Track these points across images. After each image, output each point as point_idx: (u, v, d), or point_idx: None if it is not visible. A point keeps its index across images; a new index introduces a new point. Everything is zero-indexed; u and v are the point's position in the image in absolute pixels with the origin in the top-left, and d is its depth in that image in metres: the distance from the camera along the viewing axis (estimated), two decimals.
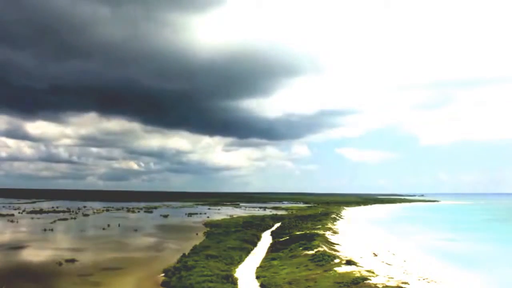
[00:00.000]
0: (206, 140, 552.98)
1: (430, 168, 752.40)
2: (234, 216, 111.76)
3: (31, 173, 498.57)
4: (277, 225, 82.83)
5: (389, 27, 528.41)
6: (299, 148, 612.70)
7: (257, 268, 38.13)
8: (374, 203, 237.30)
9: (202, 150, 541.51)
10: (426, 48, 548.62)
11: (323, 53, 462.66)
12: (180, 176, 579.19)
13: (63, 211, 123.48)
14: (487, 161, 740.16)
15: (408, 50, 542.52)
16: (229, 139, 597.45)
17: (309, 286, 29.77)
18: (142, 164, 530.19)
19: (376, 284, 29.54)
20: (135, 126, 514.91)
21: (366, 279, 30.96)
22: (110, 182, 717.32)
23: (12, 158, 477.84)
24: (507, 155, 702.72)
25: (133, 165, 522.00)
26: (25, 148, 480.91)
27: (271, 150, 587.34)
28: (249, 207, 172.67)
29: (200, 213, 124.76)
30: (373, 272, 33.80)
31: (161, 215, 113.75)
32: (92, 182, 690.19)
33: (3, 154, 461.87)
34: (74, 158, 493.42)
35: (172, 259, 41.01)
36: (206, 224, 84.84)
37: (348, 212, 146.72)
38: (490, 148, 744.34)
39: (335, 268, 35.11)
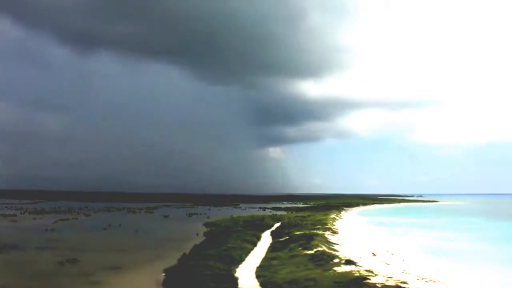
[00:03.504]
0: None
1: (429, 168, 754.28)
2: (234, 216, 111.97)
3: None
4: (277, 225, 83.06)
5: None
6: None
7: (257, 267, 38.36)
8: (373, 203, 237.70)
9: None
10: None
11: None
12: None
13: (65, 212, 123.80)
14: (485, 161, 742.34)
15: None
16: None
17: (308, 285, 30.02)
18: None
19: (376, 283, 29.81)
20: None
21: (366, 278, 31.22)
22: None
23: None
24: (505, 156, 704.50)
25: None
26: None
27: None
28: (249, 208, 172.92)
29: (200, 214, 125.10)
30: (372, 272, 34.04)
31: (161, 216, 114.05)
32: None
33: None
34: None
35: (172, 259, 41.22)
36: (207, 224, 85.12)
37: (347, 213, 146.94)
38: (488, 148, 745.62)
39: (335, 268, 35.37)
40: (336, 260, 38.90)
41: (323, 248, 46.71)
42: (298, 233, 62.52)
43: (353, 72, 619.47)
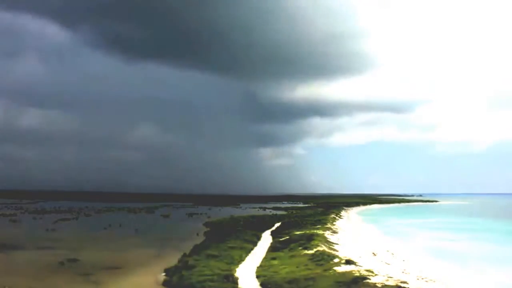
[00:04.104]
0: None
1: (429, 167, 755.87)
2: (235, 216, 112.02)
3: None
4: (277, 225, 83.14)
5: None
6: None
7: (257, 267, 38.40)
8: (373, 203, 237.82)
9: None
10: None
11: None
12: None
13: (65, 211, 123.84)
14: (485, 161, 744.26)
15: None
16: None
17: (308, 285, 30.06)
18: None
19: (375, 283, 29.82)
20: None
21: (366, 278, 31.24)
22: None
23: None
24: (505, 156, 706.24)
25: None
26: None
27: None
28: (249, 207, 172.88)
29: (201, 213, 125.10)
30: (372, 272, 34.05)
31: (162, 215, 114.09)
32: None
33: None
34: None
35: (173, 258, 41.25)
36: (207, 224, 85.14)
37: (347, 213, 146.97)
38: (488, 148, 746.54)
39: (335, 268, 35.36)
40: (336, 260, 38.90)
41: (323, 248, 46.74)
42: (298, 233, 62.57)
43: (354, 74, 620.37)
